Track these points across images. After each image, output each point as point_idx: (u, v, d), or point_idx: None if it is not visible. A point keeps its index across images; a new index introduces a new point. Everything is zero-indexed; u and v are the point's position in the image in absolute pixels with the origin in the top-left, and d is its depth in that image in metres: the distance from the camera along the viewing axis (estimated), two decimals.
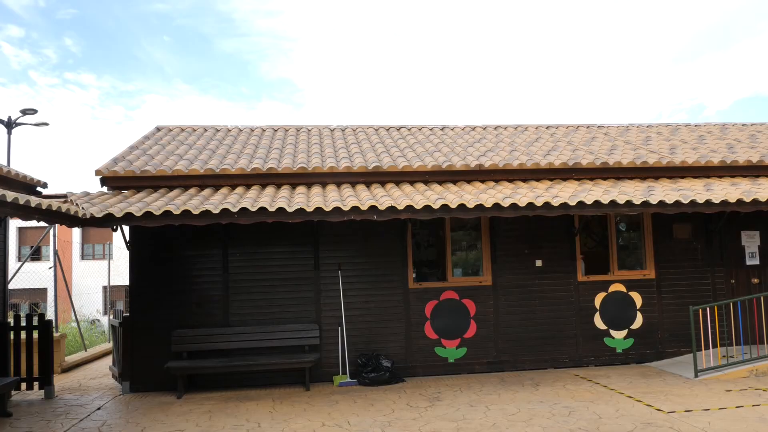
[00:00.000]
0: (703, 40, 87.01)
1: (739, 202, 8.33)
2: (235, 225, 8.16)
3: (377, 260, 9.34)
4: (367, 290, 9.28)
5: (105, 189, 8.99)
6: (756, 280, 10.16)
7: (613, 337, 9.68)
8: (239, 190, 8.76)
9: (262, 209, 7.57)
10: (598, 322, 9.66)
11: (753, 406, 6.92)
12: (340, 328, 9.06)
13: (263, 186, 9.04)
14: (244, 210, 7.55)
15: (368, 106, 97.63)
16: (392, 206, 7.76)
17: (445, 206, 7.84)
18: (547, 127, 12.55)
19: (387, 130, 12.10)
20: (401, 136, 11.48)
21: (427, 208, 7.83)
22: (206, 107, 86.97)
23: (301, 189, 8.80)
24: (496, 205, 7.91)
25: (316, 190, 8.77)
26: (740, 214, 9.26)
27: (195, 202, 7.80)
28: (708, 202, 8.25)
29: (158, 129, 11.63)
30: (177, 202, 7.79)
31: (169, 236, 8.83)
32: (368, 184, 9.22)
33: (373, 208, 7.75)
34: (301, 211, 7.62)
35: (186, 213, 7.45)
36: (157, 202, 7.76)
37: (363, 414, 7.06)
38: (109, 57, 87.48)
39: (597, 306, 9.69)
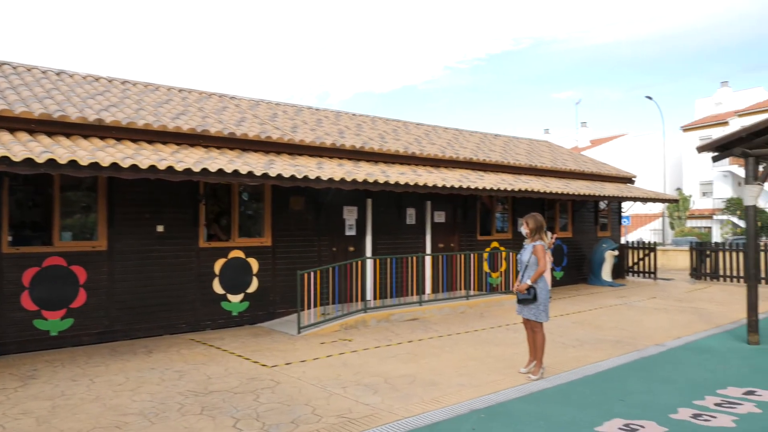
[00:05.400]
0: (339, 34, 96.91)
1: (342, 180, 9.62)
2: None
3: None
4: None
5: None
6: (352, 249, 11.92)
7: (230, 301, 10.13)
8: None
9: None
10: (217, 287, 9.97)
11: (339, 354, 8.14)
12: None
13: None
14: None
15: None
16: None
17: (52, 161, 6.93)
18: (180, 90, 12.24)
19: None
20: (3, 75, 9.66)
21: (29, 161, 6.80)
22: None
23: None
24: (115, 165, 7.37)
25: None
26: (343, 191, 10.72)
27: None
28: (318, 179, 9.30)
29: None
30: None
31: None
32: None
33: None
34: None
35: None
36: None
37: None
38: None
39: (216, 272, 9.98)
